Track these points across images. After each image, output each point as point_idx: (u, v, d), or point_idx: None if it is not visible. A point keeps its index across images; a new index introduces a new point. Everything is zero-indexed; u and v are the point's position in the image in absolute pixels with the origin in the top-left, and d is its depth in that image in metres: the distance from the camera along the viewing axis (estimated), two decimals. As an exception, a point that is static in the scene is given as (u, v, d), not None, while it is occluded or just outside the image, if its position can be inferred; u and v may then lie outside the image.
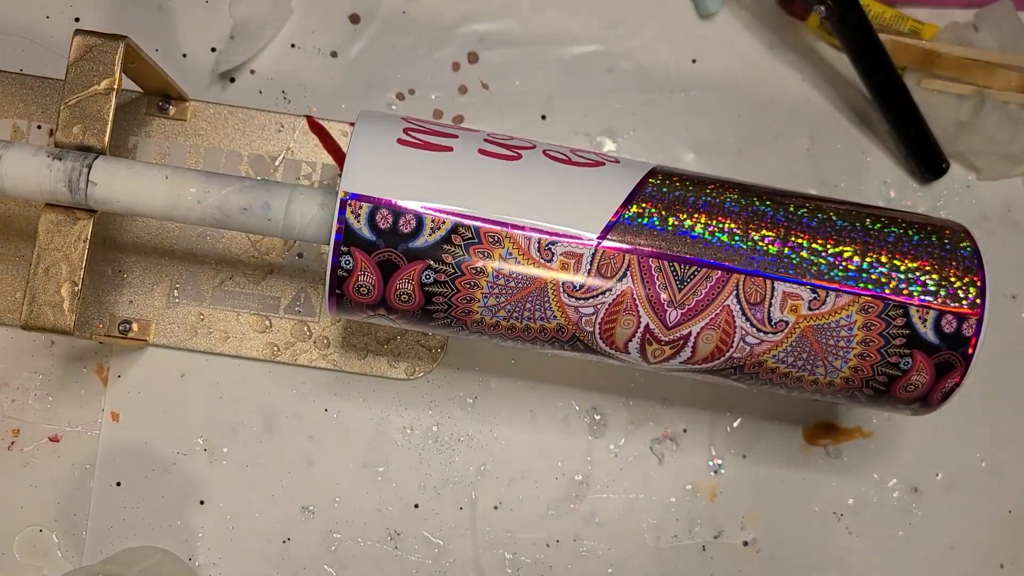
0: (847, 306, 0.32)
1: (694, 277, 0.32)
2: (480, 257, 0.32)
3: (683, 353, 0.33)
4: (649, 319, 0.32)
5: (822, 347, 0.33)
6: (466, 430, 0.43)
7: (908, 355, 0.33)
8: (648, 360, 0.34)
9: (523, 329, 0.33)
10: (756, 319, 0.32)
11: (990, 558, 0.43)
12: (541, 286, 0.32)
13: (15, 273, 0.42)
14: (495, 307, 0.32)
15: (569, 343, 0.33)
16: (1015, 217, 0.45)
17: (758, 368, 0.33)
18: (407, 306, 0.33)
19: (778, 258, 0.32)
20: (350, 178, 0.32)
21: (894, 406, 0.35)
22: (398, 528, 0.42)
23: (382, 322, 0.34)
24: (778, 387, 0.34)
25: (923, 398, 0.34)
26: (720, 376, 0.34)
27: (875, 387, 0.33)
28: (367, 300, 0.33)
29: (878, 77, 0.43)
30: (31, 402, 0.42)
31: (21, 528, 0.41)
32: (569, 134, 0.44)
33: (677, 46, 0.45)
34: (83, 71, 0.35)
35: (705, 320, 0.32)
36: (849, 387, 0.34)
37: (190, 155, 0.43)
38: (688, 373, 0.34)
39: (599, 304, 0.32)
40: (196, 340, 0.42)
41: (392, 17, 0.45)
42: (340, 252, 0.32)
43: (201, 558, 0.41)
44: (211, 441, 0.42)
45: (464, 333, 0.34)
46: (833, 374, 0.33)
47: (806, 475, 0.43)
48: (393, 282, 0.32)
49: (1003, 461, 0.44)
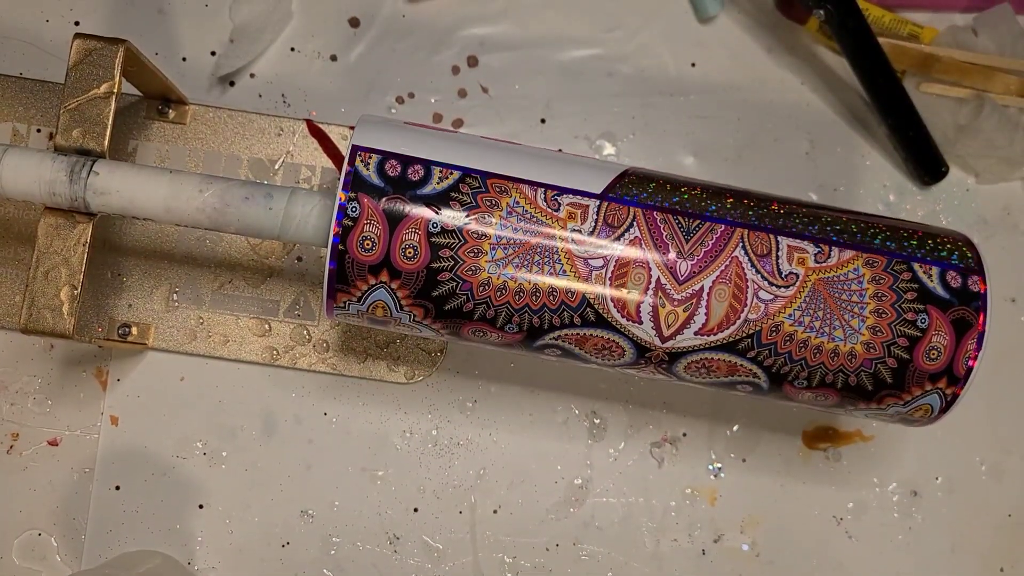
0: (852, 260, 0.33)
1: (699, 229, 0.32)
2: (487, 205, 0.32)
3: (697, 318, 0.32)
4: (660, 272, 0.32)
5: (836, 303, 0.32)
6: (465, 434, 0.43)
7: (923, 311, 0.32)
8: (662, 332, 0.32)
9: (531, 293, 0.32)
10: (766, 271, 0.32)
11: (990, 561, 0.43)
12: (549, 236, 0.32)
13: (14, 277, 0.42)
14: (503, 262, 0.32)
15: (579, 313, 0.32)
16: (1014, 220, 0.45)
17: (776, 335, 0.32)
18: (412, 265, 0.32)
19: (778, 217, 0.33)
20: (361, 135, 0.33)
21: (920, 388, 0.33)
22: (397, 532, 0.42)
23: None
24: (797, 374, 0.33)
25: (948, 370, 0.33)
26: (736, 354, 0.33)
27: (898, 355, 0.32)
28: (370, 259, 0.32)
29: (877, 81, 0.43)
30: (30, 406, 0.42)
31: (20, 532, 0.41)
32: (568, 138, 0.44)
33: (676, 50, 0.45)
34: (83, 75, 0.35)
35: (716, 273, 0.32)
36: (871, 358, 0.32)
37: (190, 159, 0.43)
38: (703, 353, 0.33)
39: (608, 257, 0.32)
40: (195, 344, 0.42)
41: (392, 21, 0.45)
42: (347, 199, 0.32)
43: (200, 562, 0.41)
44: (210, 445, 0.42)
45: (468, 325, 0.33)
46: (853, 338, 0.32)
47: (806, 479, 0.43)
48: (399, 233, 0.32)
49: (1003, 464, 0.44)
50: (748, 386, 0.34)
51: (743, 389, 0.34)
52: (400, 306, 0.33)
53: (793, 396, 0.34)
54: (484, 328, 0.33)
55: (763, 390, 0.34)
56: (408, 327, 0.34)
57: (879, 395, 0.33)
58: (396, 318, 0.33)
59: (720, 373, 0.33)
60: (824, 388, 0.33)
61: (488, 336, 0.33)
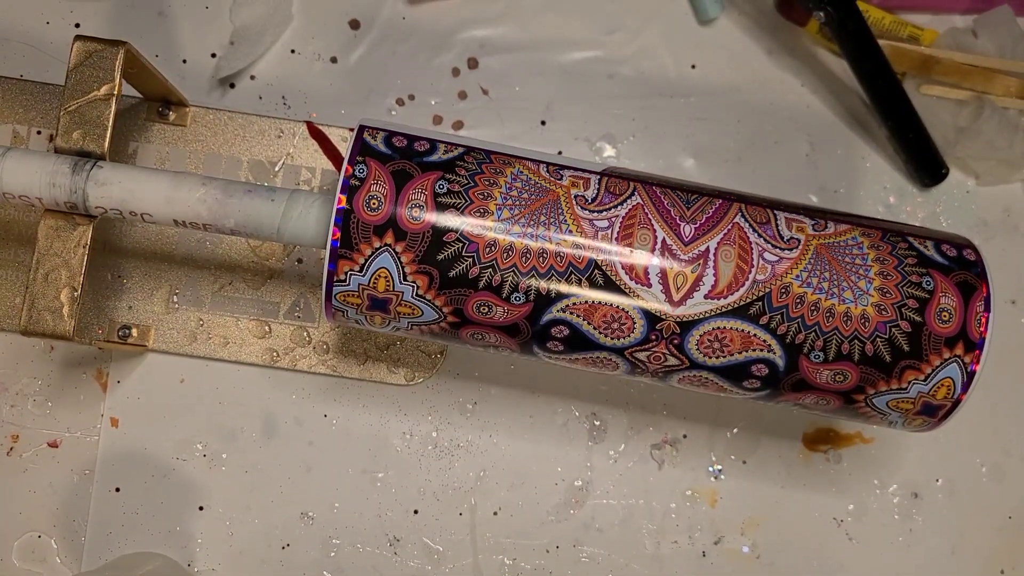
0: (849, 230, 0.33)
1: (698, 200, 0.33)
2: (492, 172, 0.32)
3: (706, 279, 0.32)
4: (664, 233, 0.32)
5: (841, 264, 0.32)
6: (466, 436, 0.42)
7: (926, 273, 0.32)
8: (672, 295, 0.32)
9: (538, 254, 0.32)
10: (768, 236, 0.32)
11: (991, 563, 0.43)
12: (555, 198, 0.32)
13: (14, 279, 0.42)
14: (509, 221, 0.32)
15: (587, 276, 0.32)
16: (1014, 221, 0.45)
17: (786, 296, 0.32)
18: (418, 225, 0.32)
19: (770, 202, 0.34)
20: (366, 121, 0.34)
21: (939, 356, 0.32)
22: (397, 534, 0.42)
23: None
24: (813, 344, 0.32)
25: (963, 334, 0.32)
26: (748, 321, 0.32)
27: (911, 317, 0.32)
28: (376, 218, 0.32)
29: (877, 83, 0.43)
30: (30, 408, 0.42)
31: (20, 534, 0.41)
32: (569, 140, 0.44)
33: (677, 52, 0.45)
34: (83, 77, 0.35)
35: (720, 235, 0.32)
36: (884, 321, 0.32)
37: (190, 161, 0.43)
38: (715, 321, 0.32)
39: (613, 217, 0.32)
40: (195, 345, 0.42)
41: (392, 23, 0.45)
42: (355, 162, 0.32)
43: (200, 564, 0.41)
44: (210, 447, 0.42)
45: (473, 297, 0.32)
46: (863, 299, 0.32)
47: (806, 481, 0.43)
48: (406, 193, 0.32)
49: (1003, 466, 0.44)
50: (763, 366, 0.33)
51: (758, 372, 0.33)
52: (404, 275, 0.32)
53: (811, 378, 0.33)
54: (490, 300, 0.32)
55: (779, 370, 0.33)
56: (408, 312, 0.33)
57: (899, 368, 0.32)
58: (398, 293, 0.32)
59: (734, 348, 0.32)
60: (843, 363, 0.32)
61: (493, 311, 0.32)
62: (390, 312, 0.33)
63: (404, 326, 0.34)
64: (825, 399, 0.33)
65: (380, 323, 0.34)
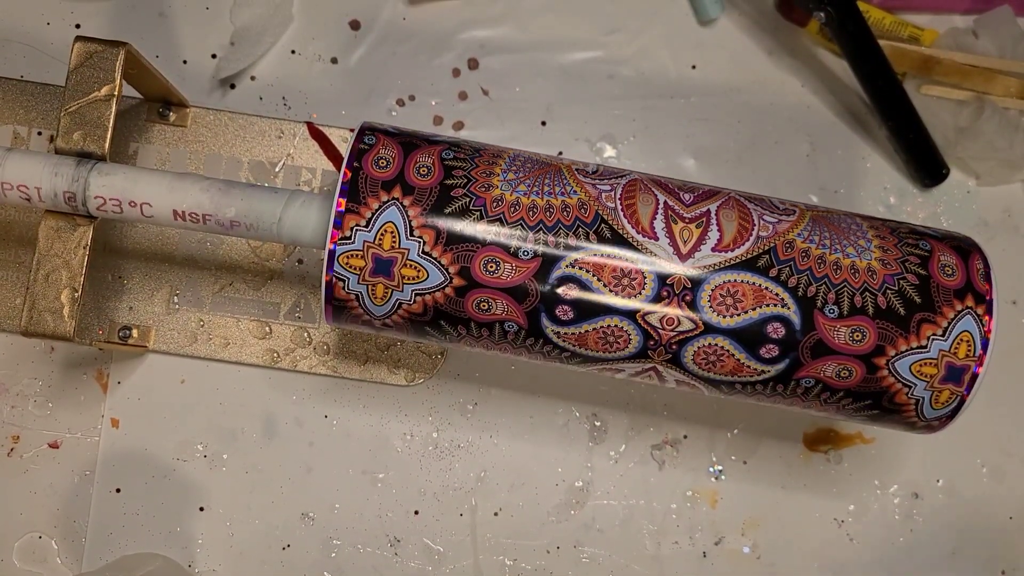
0: (840, 212, 0.35)
1: (689, 183, 0.35)
2: (492, 154, 0.34)
3: (711, 234, 0.32)
4: (665, 197, 0.33)
5: (838, 229, 0.33)
6: (466, 436, 0.42)
7: (920, 239, 0.33)
8: (679, 248, 0.32)
9: (544, 208, 0.32)
10: (764, 206, 0.34)
11: (991, 564, 0.43)
12: (556, 168, 0.34)
13: (15, 279, 0.42)
14: (515, 181, 0.33)
15: (595, 229, 0.32)
16: (1015, 221, 0.45)
17: (791, 251, 0.32)
18: (426, 181, 0.32)
19: None
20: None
21: (951, 309, 0.32)
22: (398, 535, 0.42)
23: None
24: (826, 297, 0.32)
25: (969, 287, 0.33)
26: (758, 274, 0.32)
27: (915, 271, 0.32)
28: (384, 175, 0.32)
29: (878, 83, 0.43)
30: (31, 408, 0.42)
31: (21, 534, 0.41)
32: (569, 140, 0.44)
33: (677, 52, 0.45)
34: (84, 77, 0.35)
35: (718, 202, 0.33)
36: (891, 274, 0.32)
37: (190, 161, 0.43)
38: (726, 274, 0.32)
39: (615, 183, 0.33)
40: (196, 346, 0.42)
41: (392, 23, 0.45)
42: (363, 135, 0.33)
43: (201, 565, 0.41)
44: (211, 447, 0.42)
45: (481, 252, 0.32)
46: (866, 254, 0.33)
47: (807, 481, 0.43)
48: (413, 156, 0.33)
49: (1004, 467, 0.44)
50: (780, 324, 0.32)
51: (775, 333, 0.32)
52: (410, 230, 0.32)
53: (829, 337, 0.32)
54: (498, 256, 0.32)
55: (796, 330, 0.32)
56: (412, 276, 0.32)
57: (915, 322, 0.32)
58: (403, 251, 0.32)
59: (747, 303, 0.32)
60: (858, 317, 0.32)
61: (501, 269, 0.32)
62: (393, 277, 0.32)
63: (407, 297, 0.32)
64: (847, 369, 0.32)
65: (381, 297, 0.32)
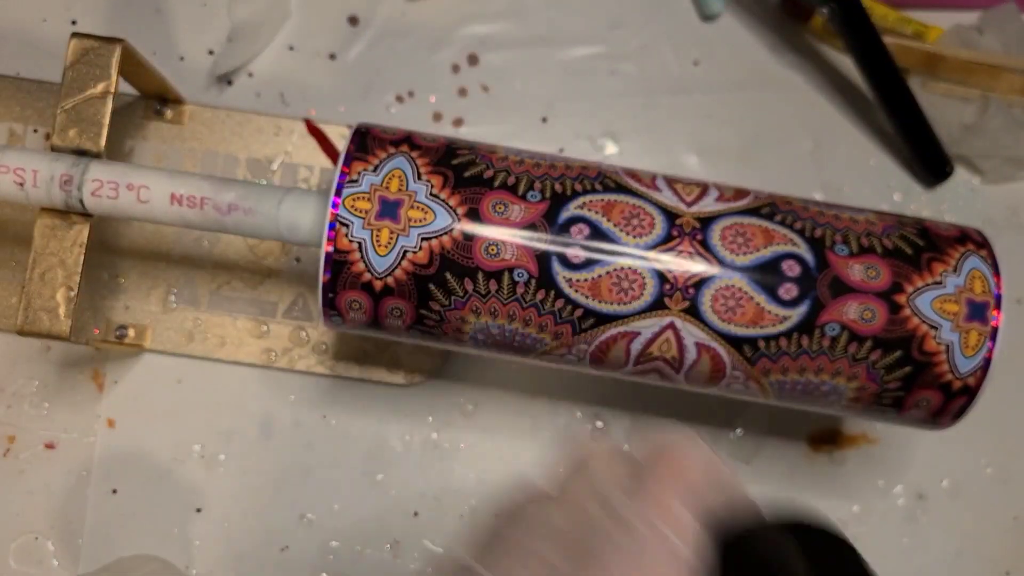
0: None
1: None
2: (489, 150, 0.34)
3: (711, 191, 0.33)
4: (662, 173, 0.34)
5: (829, 206, 0.34)
6: (466, 437, 0.42)
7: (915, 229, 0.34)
8: (683, 198, 0.33)
9: (549, 165, 0.33)
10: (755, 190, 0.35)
11: (996, 565, 0.43)
12: (552, 158, 0.34)
13: (11, 278, 0.41)
14: (517, 152, 0.34)
15: (599, 181, 0.33)
16: (1020, 220, 0.45)
17: (790, 205, 0.33)
18: (432, 144, 0.33)
19: None
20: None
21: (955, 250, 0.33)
22: (397, 536, 0.41)
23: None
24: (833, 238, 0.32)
25: (965, 235, 0.34)
26: (764, 219, 0.32)
27: (912, 224, 0.34)
28: (391, 137, 0.34)
29: (882, 80, 0.43)
30: (27, 408, 0.41)
31: (17, 536, 0.41)
32: (570, 137, 0.44)
33: (679, 48, 0.45)
34: (80, 74, 0.35)
35: (711, 183, 0.34)
36: (889, 225, 0.33)
37: (187, 159, 0.42)
38: (733, 218, 0.32)
39: (613, 166, 0.35)
40: (193, 346, 0.41)
41: (391, 19, 0.44)
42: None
43: (198, 566, 0.41)
44: (208, 448, 0.41)
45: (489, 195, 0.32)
46: (860, 214, 0.34)
47: (810, 482, 0.43)
48: (417, 135, 0.34)
49: (1009, 467, 0.43)
50: (794, 262, 0.32)
51: (791, 271, 0.32)
52: (418, 174, 0.32)
53: (845, 274, 0.32)
54: (506, 199, 0.32)
55: (810, 267, 0.32)
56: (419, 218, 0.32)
57: (925, 260, 0.32)
58: (411, 193, 0.32)
59: (758, 243, 0.32)
60: (869, 255, 0.32)
61: (509, 210, 0.32)
62: (399, 220, 0.32)
63: (412, 244, 0.32)
64: (869, 309, 0.32)
65: (385, 245, 0.32)
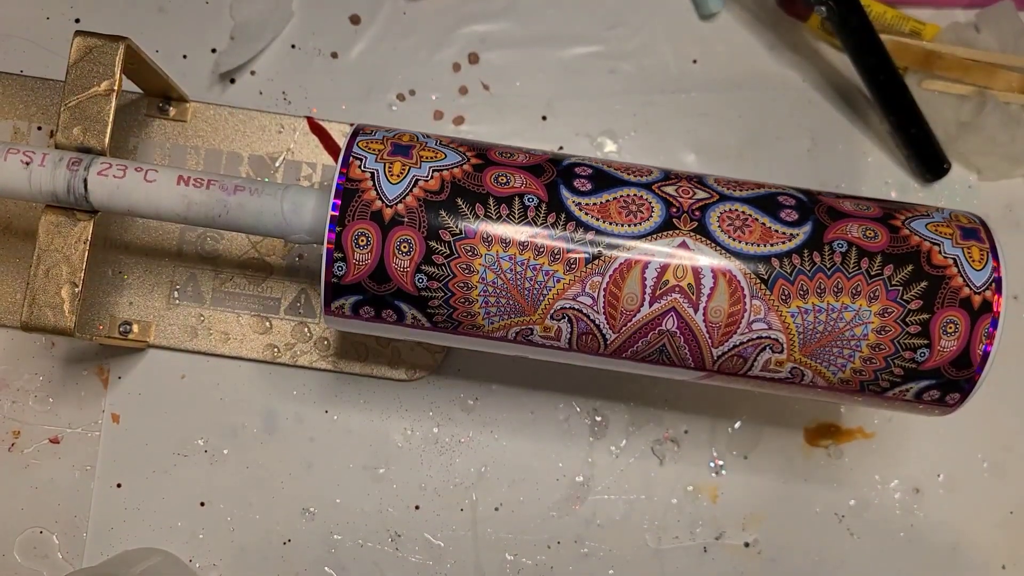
0: None
1: None
2: None
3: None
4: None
5: None
6: (467, 431, 0.42)
7: None
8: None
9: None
10: None
11: (992, 559, 0.43)
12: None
13: (15, 274, 0.41)
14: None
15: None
16: (1016, 217, 0.45)
17: None
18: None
19: None
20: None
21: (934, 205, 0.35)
22: (399, 530, 0.42)
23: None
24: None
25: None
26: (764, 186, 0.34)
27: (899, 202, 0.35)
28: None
29: (879, 78, 0.43)
30: (31, 403, 0.42)
31: (22, 530, 0.41)
32: (570, 135, 0.44)
33: (678, 47, 0.45)
34: (83, 72, 0.35)
35: None
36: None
37: (190, 156, 0.42)
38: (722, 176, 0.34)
39: None
40: (196, 341, 0.42)
41: (393, 18, 0.44)
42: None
43: (201, 559, 0.41)
44: (211, 443, 0.42)
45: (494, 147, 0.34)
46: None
47: (808, 476, 0.43)
48: None
49: (1005, 461, 0.44)
50: (789, 197, 0.33)
51: (787, 202, 0.33)
52: (426, 134, 0.34)
53: (838, 205, 0.33)
54: (512, 150, 0.34)
55: (805, 201, 0.33)
56: (430, 156, 0.33)
57: (908, 205, 0.34)
58: (422, 142, 0.33)
59: (751, 186, 0.34)
60: (856, 198, 0.34)
61: (516, 155, 0.33)
62: (411, 156, 0.33)
63: (424, 173, 0.32)
64: (871, 229, 0.32)
65: (397, 174, 0.32)
